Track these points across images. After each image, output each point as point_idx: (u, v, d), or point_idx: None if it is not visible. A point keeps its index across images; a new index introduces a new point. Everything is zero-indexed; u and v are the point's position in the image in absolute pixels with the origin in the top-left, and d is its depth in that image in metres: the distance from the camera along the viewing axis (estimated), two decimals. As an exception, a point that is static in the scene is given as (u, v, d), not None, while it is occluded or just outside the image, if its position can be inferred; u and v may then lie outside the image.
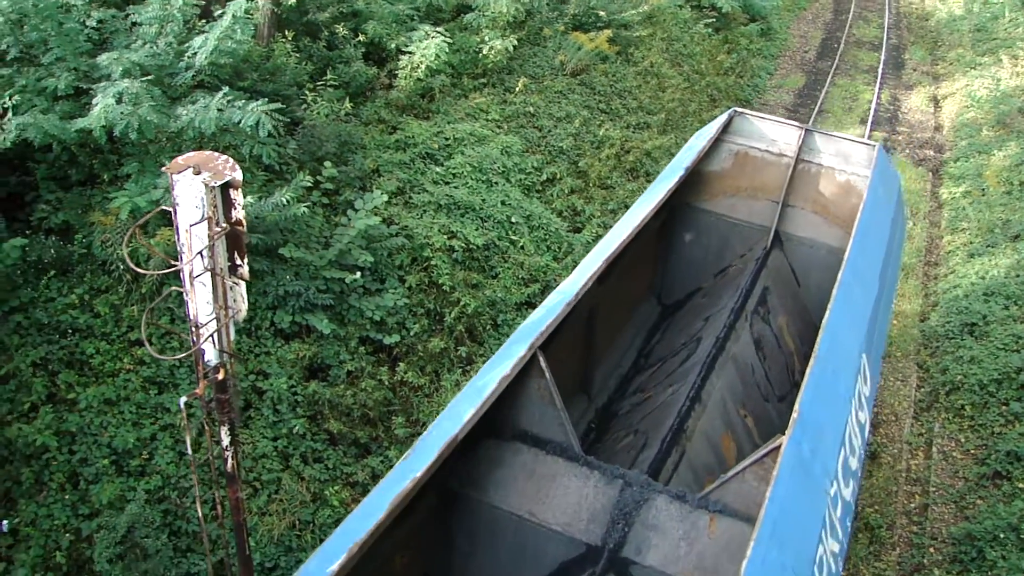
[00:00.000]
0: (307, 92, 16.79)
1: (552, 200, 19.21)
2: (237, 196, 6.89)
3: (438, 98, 19.65)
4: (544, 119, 21.29)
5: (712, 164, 13.56)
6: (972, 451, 14.52)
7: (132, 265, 6.91)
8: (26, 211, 12.92)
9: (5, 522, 10.47)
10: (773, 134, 13.27)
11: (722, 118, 13.36)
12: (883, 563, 12.70)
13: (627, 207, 20.63)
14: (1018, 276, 18.20)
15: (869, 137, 28.33)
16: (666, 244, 13.72)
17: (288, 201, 12.88)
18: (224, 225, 6.97)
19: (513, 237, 16.86)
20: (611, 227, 11.35)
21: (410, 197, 16.33)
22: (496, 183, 17.85)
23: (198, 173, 6.55)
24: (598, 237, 18.96)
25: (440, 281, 14.77)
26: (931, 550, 12.79)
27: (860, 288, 10.13)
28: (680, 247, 13.77)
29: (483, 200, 16.98)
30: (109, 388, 11.42)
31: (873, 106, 31.00)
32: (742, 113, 13.49)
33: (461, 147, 18.31)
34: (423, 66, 18.64)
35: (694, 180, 13.43)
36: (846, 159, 12.95)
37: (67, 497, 10.67)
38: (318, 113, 16.47)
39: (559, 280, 17.10)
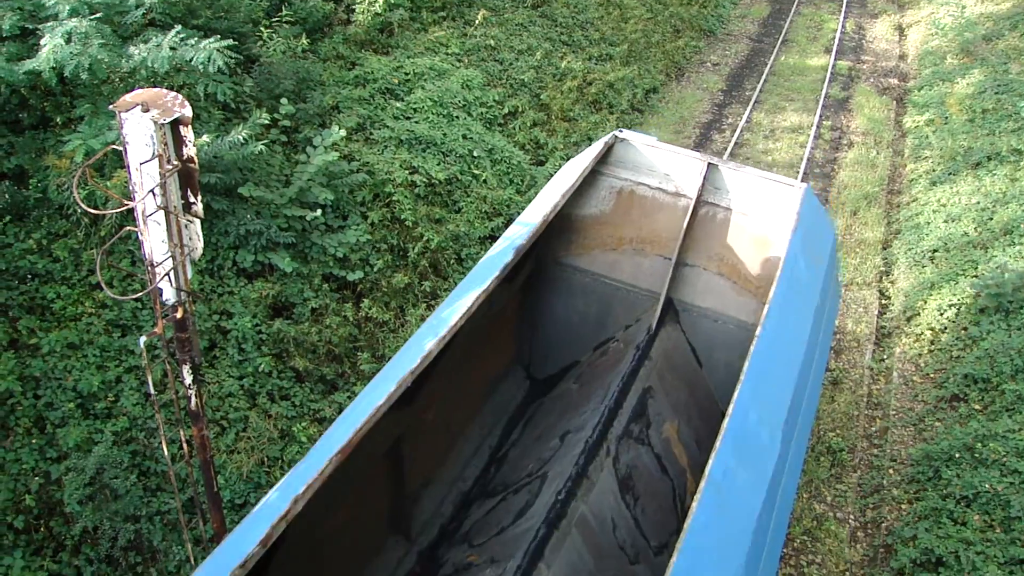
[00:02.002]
0: (263, 29, 16.49)
1: (514, 133, 19.11)
2: (188, 133, 6.82)
3: (397, 32, 19.38)
4: (505, 52, 21.07)
5: (587, 205, 10.84)
6: (931, 375, 14.81)
7: (85, 207, 6.83)
8: (-24, 159, 12.70)
9: (-27, 468, 10.48)
10: (667, 166, 10.54)
11: (599, 144, 10.52)
12: (844, 485, 13.01)
13: (591, 140, 20.63)
14: (978, 203, 18.41)
15: (833, 68, 28.34)
16: (533, 306, 11.04)
17: (245, 139, 12.71)
18: (175, 163, 6.91)
19: (475, 171, 16.79)
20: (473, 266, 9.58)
21: (370, 133, 16.18)
22: (457, 117, 17.71)
23: (147, 111, 6.47)
24: (556, 168, 19.00)
25: (403, 216, 14.71)
26: (890, 471, 13.11)
27: (777, 379, 7.85)
28: (550, 311, 11.04)
29: (444, 135, 16.86)
30: (71, 332, 11.36)
31: (838, 35, 30.94)
32: (625, 139, 10.65)
33: (421, 82, 18.12)
34: (381, 0, 18.35)
35: (563, 227, 10.84)
36: (763, 202, 10.17)
37: (34, 441, 10.66)
38: (274, 50, 16.19)
39: (518, 214, 17.12)
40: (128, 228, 7.52)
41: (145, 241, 7.08)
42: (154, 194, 6.81)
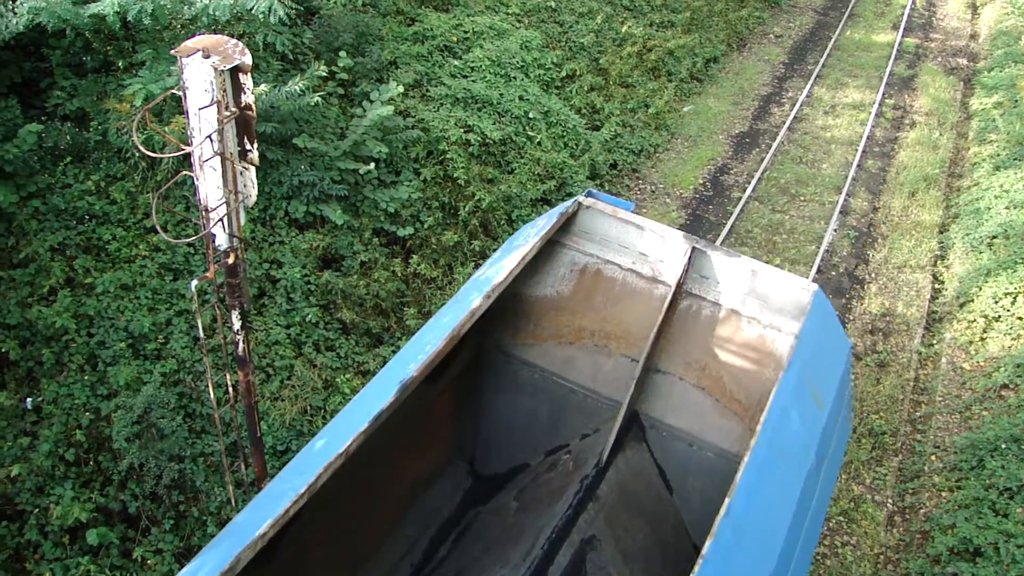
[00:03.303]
0: (324, -20, 16.49)
1: (571, 97, 18.96)
2: (246, 80, 6.85)
3: (458, -11, 19.27)
4: (565, 14, 20.86)
5: (541, 284, 8.69)
6: (981, 364, 14.55)
7: (144, 150, 6.91)
8: (41, 97, 12.89)
9: (29, 400, 10.76)
10: (644, 243, 8.36)
11: (559, 209, 8.49)
12: (884, 468, 12.88)
13: (647, 107, 20.39)
14: (1044, 188, 17.96)
15: (900, 45, 27.63)
16: (473, 398, 9.00)
17: (302, 90, 12.76)
18: (233, 109, 6.95)
19: (530, 133, 16.71)
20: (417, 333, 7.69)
21: (427, 90, 16.15)
22: (515, 78, 17.60)
23: (207, 57, 6.51)
24: (616, 136, 18.81)
25: (455, 175, 14.71)
26: (932, 458, 12.95)
27: (763, 528, 6.28)
28: (494, 406, 8.99)
29: (501, 95, 16.77)
30: (125, 273, 11.57)
31: (907, 11, 30.16)
32: (591, 206, 8.48)
33: (480, 40, 18.01)
34: (443, -45, 18.26)
35: (511, 308, 8.68)
36: (762, 301, 8.06)
37: (86, 378, 10.92)
38: (335, 3, 16.19)
39: (575, 178, 17.02)
40: (184, 173, 7.60)
41: (200, 186, 7.15)
42: (211, 140, 6.86)
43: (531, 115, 16.97)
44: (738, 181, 19.49)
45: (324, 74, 13.69)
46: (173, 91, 7.26)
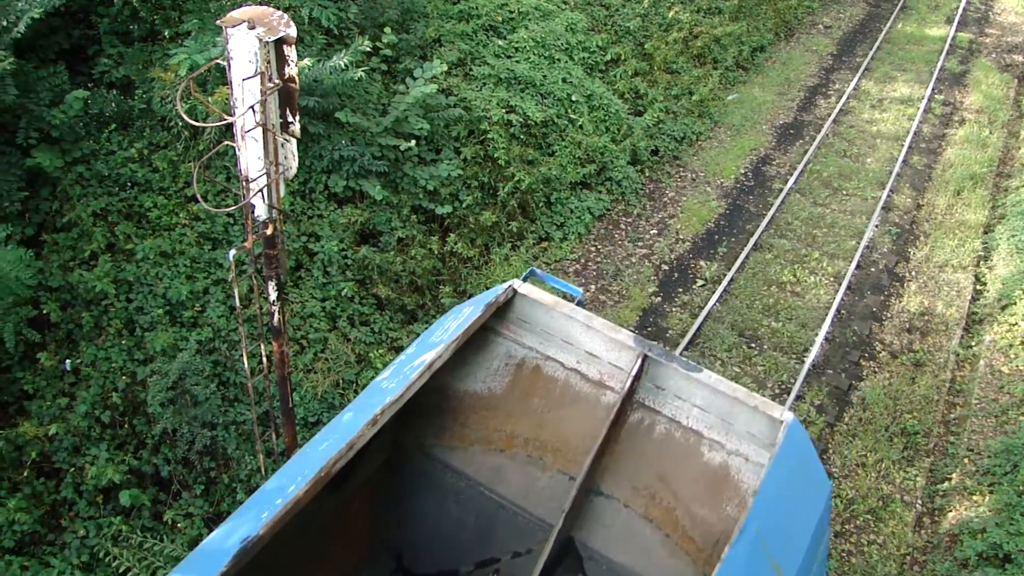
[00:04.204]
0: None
1: (615, 81, 18.83)
2: (291, 53, 6.87)
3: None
4: (612, -3, 20.71)
5: (470, 377, 7.47)
6: (1021, 368, 14.32)
7: (187, 118, 6.96)
8: (88, 64, 13.02)
9: (68, 361, 10.94)
10: (590, 341, 7.15)
11: (490, 294, 7.30)
12: (915, 469, 12.74)
13: (691, 94, 20.21)
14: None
15: (953, 39, 27.10)
16: (398, 494, 7.81)
17: (346, 65, 12.77)
18: (277, 81, 6.98)
19: (572, 116, 16.63)
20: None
21: (470, 69, 16.11)
22: (559, 60, 17.50)
23: (252, 28, 6.53)
24: (659, 122, 18.67)
25: (496, 155, 14.69)
26: (965, 461, 12.78)
27: None
28: (419, 507, 7.76)
29: (544, 76, 16.70)
30: (165, 241, 11.69)
31: (962, 4, 29.56)
32: (527, 295, 7.24)
33: (525, 21, 17.92)
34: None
35: (435, 402, 7.45)
36: (728, 425, 6.79)
37: (124, 342, 11.07)
38: (382, -22, 16.17)
39: (616, 162, 16.93)
40: (226, 143, 7.65)
41: (242, 157, 7.19)
42: (254, 111, 6.90)
43: (574, 98, 16.88)
44: (780, 172, 19.28)
45: (368, 49, 13.69)
46: (217, 61, 7.31)
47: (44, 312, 11.03)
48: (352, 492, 7.27)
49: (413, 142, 13.41)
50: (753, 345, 14.38)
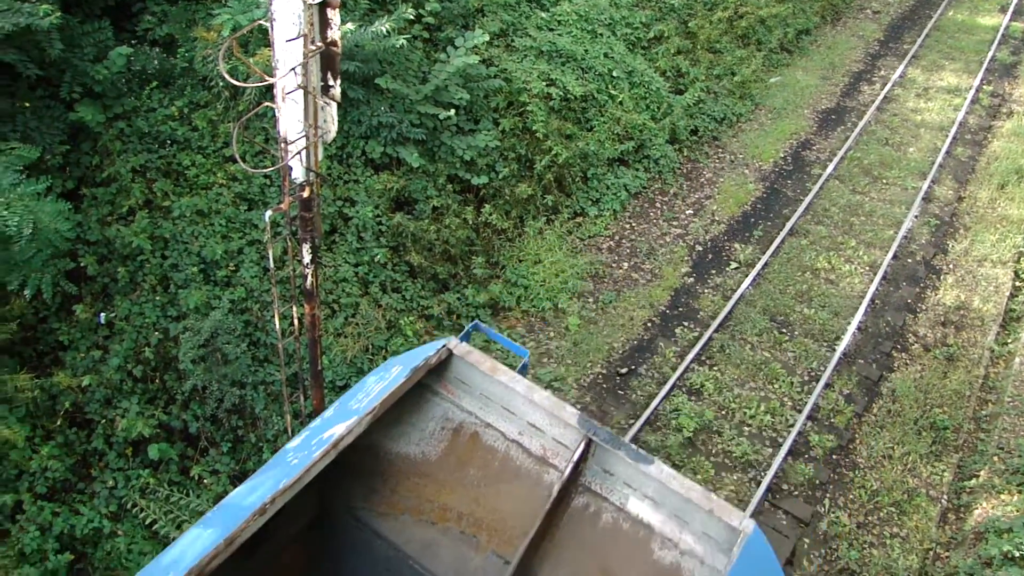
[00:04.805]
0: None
1: (656, 58, 18.63)
2: (334, 16, 6.85)
3: (551, -60, 18.97)
4: (658, -27, 20.44)
5: (404, 437, 6.80)
6: (1058, 365, 14.11)
7: (229, 78, 6.95)
8: (133, 21, 13.06)
9: (103, 314, 11.07)
10: (532, 413, 6.52)
11: (426, 349, 6.70)
12: (943, 464, 12.60)
13: (733, 75, 19.97)
14: None
15: (1006, 29, 26.53)
16: (328, 556, 7.18)
17: (388, 31, 12.73)
18: (319, 44, 6.96)
19: (612, 91, 16.48)
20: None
21: (512, 40, 16.00)
22: (601, 35, 17.33)
23: (297, -12, 6.50)
24: (699, 101, 18.49)
25: (534, 127, 14.61)
26: (995, 459, 12.61)
27: None
28: (351, 570, 7.08)
29: (586, 51, 16.55)
30: (202, 200, 11.76)
31: (1017, -9, 28.89)
32: (463, 356, 6.63)
33: (569, -6, 17.77)
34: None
35: (365, 461, 6.80)
36: (680, 521, 6.12)
37: (158, 298, 11.18)
38: (427, -55, 16.07)
39: (654, 140, 16.80)
40: (266, 104, 7.64)
41: (281, 118, 7.19)
42: (295, 73, 6.89)
43: (615, 73, 16.73)
44: (820, 158, 19.03)
45: (411, 17, 13.63)
46: (260, 23, 7.30)
47: (81, 265, 11.16)
48: (272, 554, 6.70)
49: (452, 111, 13.36)
50: (784, 330, 14.27)
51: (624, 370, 13.25)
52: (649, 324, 14.15)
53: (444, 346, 6.59)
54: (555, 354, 13.41)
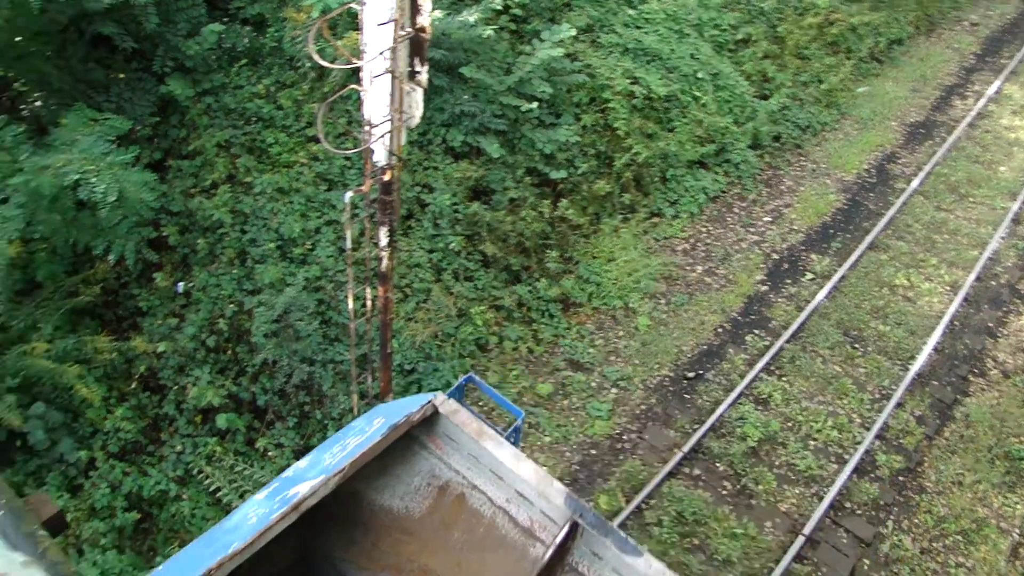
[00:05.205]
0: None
1: (743, 62, 18.35)
2: (425, 3, 6.88)
3: (643, -62, 18.81)
4: (750, -25, 20.13)
5: (388, 490, 6.53)
6: None
7: (318, 58, 7.03)
8: (225, 0, 13.32)
9: (181, 284, 11.32)
10: (522, 481, 6.03)
11: (412, 402, 6.28)
12: (1016, 496, 12.20)
13: (820, 82, 19.59)
14: None
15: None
16: None
17: (476, 21, 12.77)
18: (409, 29, 6.98)
19: (696, 93, 16.28)
20: None
21: (598, 36, 15.91)
22: (688, 35, 17.13)
23: (390, -27, 6.54)
24: (784, 107, 18.19)
25: (615, 125, 14.51)
26: (1073, 492, 12.20)
27: None
28: None
29: (672, 50, 16.37)
30: (283, 177, 11.93)
31: (1122, 12, 27.77)
32: (449, 415, 6.17)
33: (658, -8, 17.59)
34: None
35: (348, 510, 6.53)
36: None
37: (235, 271, 11.38)
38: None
39: (736, 145, 16.58)
40: (352, 87, 7.69)
41: (367, 101, 7.24)
42: (383, 57, 6.93)
43: (699, 75, 16.53)
44: (905, 172, 18.55)
45: (498, 7, 13.64)
46: (350, 6, 7.35)
47: (163, 235, 11.43)
48: None
49: (535, 104, 13.33)
50: (857, 346, 13.96)
51: (691, 374, 13.11)
52: (720, 330, 13.97)
53: (429, 402, 6.14)
54: (623, 353, 13.32)
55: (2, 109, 11.89)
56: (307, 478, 5.60)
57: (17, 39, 11.56)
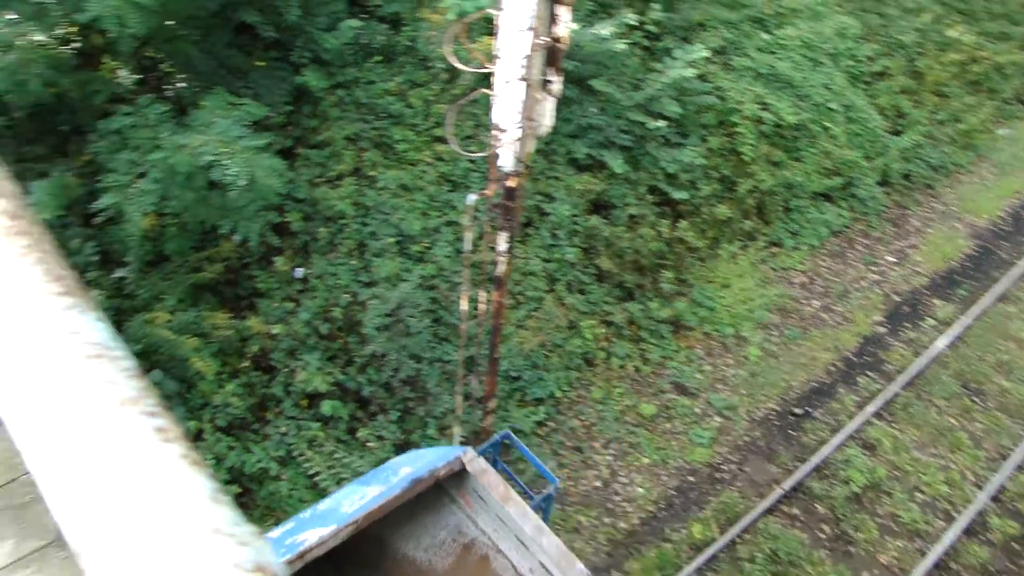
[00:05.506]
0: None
1: (877, 95, 17.81)
2: (564, 14, 6.85)
3: (784, -39, 18.46)
4: (890, 6, 19.53)
5: (412, 539, 6.34)
6: None
7: (453, 60, 7.06)
8: (365, -3, 13.61)
9: (300, 270, 11.56)
10: (542, 552, 5.78)
11: (438, 456, 6.14)
12: None
13: (957, 121, 18.87)
14: None
15: None
16: None
17: (609, 35, 12.72)
18: (546, 39, 6.96)
19: (827, 123, 15.88)
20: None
21: (730, 58, 15.67)
22: (823, 64, 16.73)
23: (531, -17, 6.53)
24: (917, 145, 17.62)
25: (742, 150, 14.26)
26: None
27: None
28: None
29: (805, 78, 16.01)
30: (407, 174, 12.08)
31: None
32: (477, 474, 6.02)
33: (795, 18, 17.22)
34: (777, -74, 17.50)
35: (370, 553, 6.34)
36: None
37: (353, 263, 11.56)
38: (659, -47, 15.97)
39: (864, 180, 16.11)
40: (483, 91, 7.72)
41: (497, 107, 7.25)
42: (519, 64, 6.92)
43: (831, 105, 16.11)
44: (1042, 222, 17.74)
45: (633, 23, 13.57)
46: (487, 12, 7.38)
47: (287, 220, 11.68)
48: None
49: (662, 122, 13.20)
50: (976, 399, 13.35)
51: (799, 410, 12.75)
52: (832, 368, 13.55)
53: (458, 458, 5.96)
54: (730, 382, 13.04)
55: (149, 88, 12.37)
56: (322, 524, 5.50)
57: (169, 23, 12.02)
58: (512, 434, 6.97)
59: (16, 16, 10.57)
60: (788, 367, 13.41)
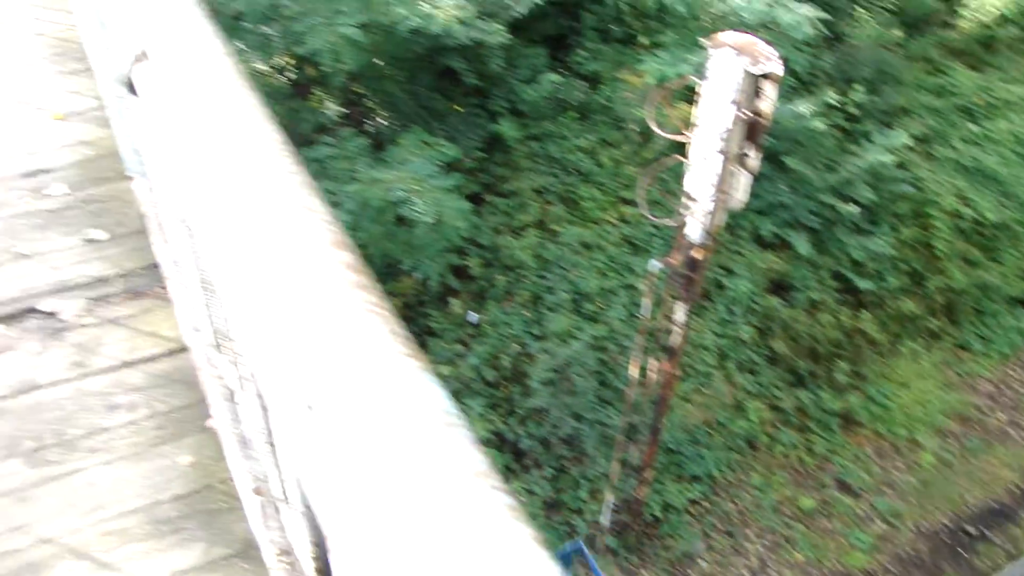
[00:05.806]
0: (858, 9, 15.89)
1: (1092, 202, 16.69)
2: (770, 90, 6.76)
3: (1000, 51, 17.63)
4: (1118, 108, 18.33)
5: None
6: None
7: (653, 125, 7.06)
8: (565, 53, 13.86)
9: (475, 315, 11.75)
10: None
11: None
12: None
13: None
14: None
15: None
16: None
17: (809, 113, 12.45)
18: (748, 113, 6.88)
19: (1032, 225, 14.98)
20: None
21: (932, 148, 15.05)
22: (1035, 161, 15.84)
23: (738, 55, 6.47)
24: None
25: (935, 244, 13.61)
26: None
27: None
28: None
29: (1014, 175, 15.15)
30: (590, 232, 12.14)
31: None
32: None
33: (1008, 111, 16.35)
34: (994, 11, 16.78)
35: None
36: None
37: (526, 314, 11.67)
38: (864, 34, 15.57)
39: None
40: (676, 157, 7.68)
41: (689, 175, 7.21)
42: (719, 136, 6.86)
43: (1039, 207, 15.20)
44: None
45: (834, 103, 13.26)
46: (689, 78, 7.34)
47: (466, 264, 11.93)
48: None
49: (854, 207, 12.78)
50: None
51: (972, 530, 11.91)
52: (1014, 488, 12.60)
53: None
54: (898, 487, 12.33)
55: (351, 122, 12.98)
56: None
57: (378, 61, 12.60)
58: (585, 549, 6.51)
59: (243, 45, 11.34)
60: (965, 481, 12.57)
